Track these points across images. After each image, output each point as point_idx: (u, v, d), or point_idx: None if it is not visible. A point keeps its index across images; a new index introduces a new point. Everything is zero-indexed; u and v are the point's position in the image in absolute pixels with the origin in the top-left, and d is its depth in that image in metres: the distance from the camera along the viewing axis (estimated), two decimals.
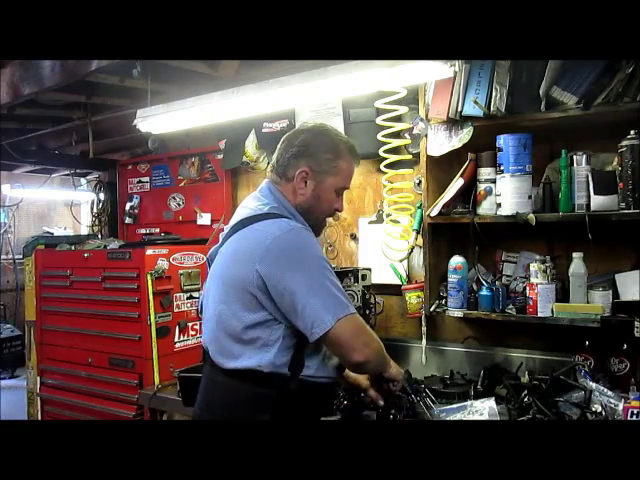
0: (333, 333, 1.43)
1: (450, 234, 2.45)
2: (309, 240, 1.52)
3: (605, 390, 1.85)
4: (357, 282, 2.46)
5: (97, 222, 4.61)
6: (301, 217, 1.62)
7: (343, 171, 1.65)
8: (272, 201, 1.61)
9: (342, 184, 1.67)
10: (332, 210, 1.69)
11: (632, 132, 1.91)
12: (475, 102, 2.08)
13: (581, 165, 2.03)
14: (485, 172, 2.22)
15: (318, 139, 1.64)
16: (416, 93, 2.35)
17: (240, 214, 1.63)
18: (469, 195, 2.27)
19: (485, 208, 2.22)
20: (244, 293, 1.49)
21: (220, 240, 1.65)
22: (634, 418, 1.72)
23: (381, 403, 1.78)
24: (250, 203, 1.65)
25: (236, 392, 1.53)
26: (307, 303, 1.43)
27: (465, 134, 2.19)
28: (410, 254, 2.62)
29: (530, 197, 2.11)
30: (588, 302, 2.05)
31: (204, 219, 3.69)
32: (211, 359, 1.60)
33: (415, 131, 2.32)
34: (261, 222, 1.53)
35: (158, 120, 2.55)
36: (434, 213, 2.29)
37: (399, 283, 2.67)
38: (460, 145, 2.20)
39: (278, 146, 1.69)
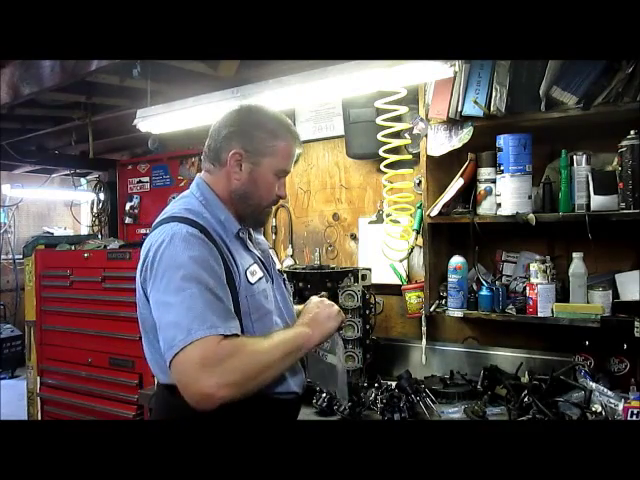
0: (181, 356, 1.18)
1: (450, 234, 2.45)
2: (182, 245, 1.28)
3: (605, 390, 1.85)
4: (357, 282, 2.46)
5: (97, 222, 4.61)
6: (226, 211, 1.45)
7: (281, 151, 1.45)
8: (188, 200, 1.49)
9: (282, 166, 1.47)
10: (273, 196, 1.49)
11: (632, 132, 1.91)
12: (475, 102, 2.08)
13: (581, 165, 2.03)
14: (485, 172, 2.22)
15: (252, 117, 1.47)
16: (416, 93, 2.35)
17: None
18: (469, 195, 2.27)
19: (485, 208, 2.22)
20: (140, 305, 1.41)
21: None
22: (634, 418, 1.72)
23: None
24: (172, 203, 1.52)
25: (173, 408, 1.38)
26: (162, 321, 1.24)
27: (465, 134, 2.19)
28: (410, 254, 2.62)
29: (530, 197, 2.11)
30: (588, 302, 2.05)
31: None
32: None
33: (415, 131, 2.32)
34: (157, 228, 1.38)
35: (158, 120, 2.55)
36: (434, 213, 2.29)
37: (399, 283, 2.67)
38: (460, 145, 2.20)
39: (209, 131, 1.53)
